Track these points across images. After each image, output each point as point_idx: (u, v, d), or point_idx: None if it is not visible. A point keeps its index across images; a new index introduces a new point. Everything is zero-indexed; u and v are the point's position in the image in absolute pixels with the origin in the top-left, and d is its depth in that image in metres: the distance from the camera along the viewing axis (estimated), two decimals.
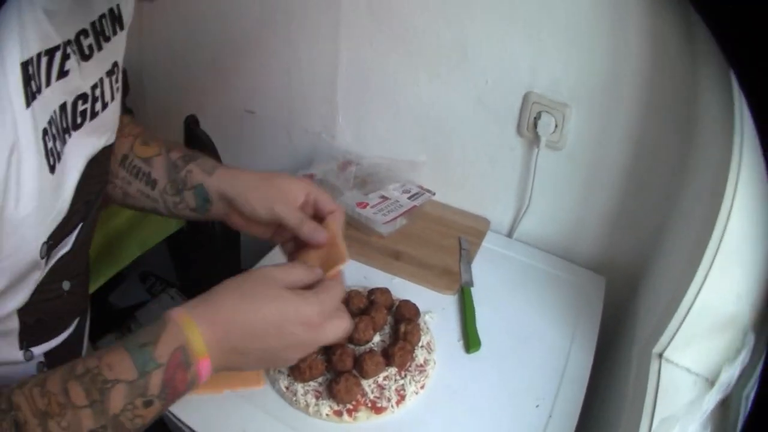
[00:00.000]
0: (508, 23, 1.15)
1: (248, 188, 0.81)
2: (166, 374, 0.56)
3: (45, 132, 0.60)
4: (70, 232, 0.71)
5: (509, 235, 1.38)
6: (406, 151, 1.43)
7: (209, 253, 1.77)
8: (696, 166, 1.01)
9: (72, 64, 0.64)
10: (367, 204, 1.32)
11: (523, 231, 1.36)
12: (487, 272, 1.25)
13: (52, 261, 0.69)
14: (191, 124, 1.56)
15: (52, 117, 0.62)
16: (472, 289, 1.19)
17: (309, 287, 0.69)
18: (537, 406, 0.98)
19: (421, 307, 1.10)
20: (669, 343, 0.82)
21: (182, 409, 0.90)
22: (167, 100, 1.85)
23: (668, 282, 0.96)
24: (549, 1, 1.09)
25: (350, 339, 1.00)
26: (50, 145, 0.61)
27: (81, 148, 0.69)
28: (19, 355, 0.70)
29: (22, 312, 0.67)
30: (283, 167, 1.64)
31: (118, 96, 0.77)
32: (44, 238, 0.63)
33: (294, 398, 0.95)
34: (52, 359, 0.75)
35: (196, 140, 1.53)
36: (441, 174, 1.41)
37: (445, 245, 1.30)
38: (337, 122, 1.49)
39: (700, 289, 0.78)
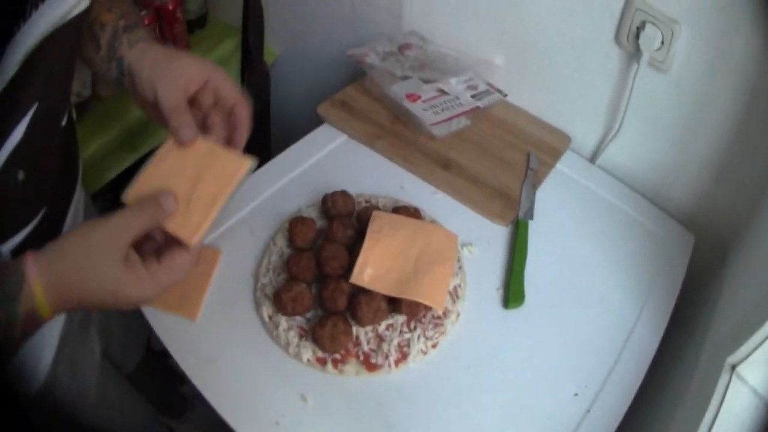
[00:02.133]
0: None
1: (146, 65, 0.79)
2: (23, 326, 0.64)
3: None
4: (22, 114, 0.71)
5: (592, 159, 1.18)
6: (480, 43, 1.23)
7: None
8: None
9: None
10: (419, 97, 1.12)
11: (608, 158, 1.15)
12: (555, 203, 1.05)
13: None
14: None
15: None
16: (530, 223, 0.99)
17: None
18: (576, 394, 0.81)
19: (462, 236, 0.93)
20: (746, 358, 0.67)
21: (160, 326, 0.88)
22: None
23: (763, 265, 0.80)
24: None
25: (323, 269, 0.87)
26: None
27: (43, 19, 0.68)
28: None
29: None
30: (341, 41, 1.51)
31: None
32: None
33: (275, 332, 0.83)
34: None
35: (251, 10, 1.53)
36: (517, 71, 1.20)
37: (509, 160, 1.09)
38: None
39: None
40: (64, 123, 0.86)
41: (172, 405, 1.61)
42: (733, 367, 0.69)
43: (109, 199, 1.61)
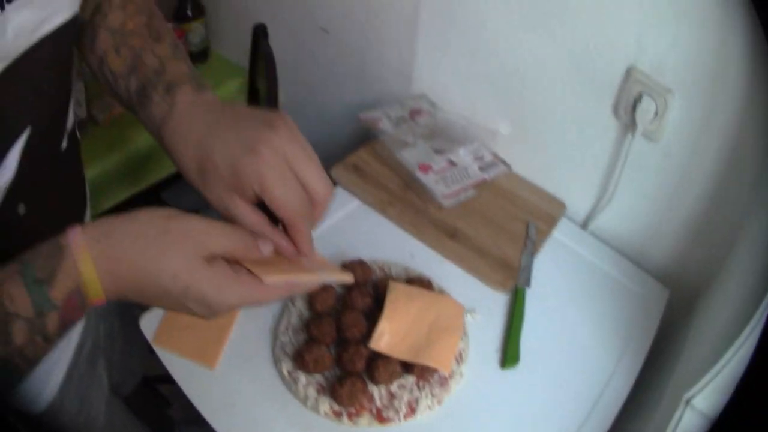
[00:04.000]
0: None
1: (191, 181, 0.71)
2: (62, 315, 0.58)
3: None
4: (12, 141, 0.67)
5: (584, 226, 1.32)
6: (486, 110, 1.36)
7: None
8: None
9: None
10: (431, 167, 1.26)
11: (599, 224, 1.29)
12: (549, 269, 1.19)
13: None
14: (259, 34, 1.54)
15: None
16: (527, 290, 1.14)
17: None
18: None
19: (466, 304, 1.06)
20: (701, 391, 0.77)
21: (175, 370, 0.96)
22: (240, 0, 1.84)
23: (723, 315, 0.91)
24: None
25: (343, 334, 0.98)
26: None
27: (15, 23, 0.62)
28: None
29: None
30: (351, 99, 1.62)
31: None
32: None
33: (294, 386, 0.94)
34: None
35: (261, 54, 1.52)
36: (520, 141, 1.33)
37: (510, 229, 1.24)
38: (416, 60, 1.43)
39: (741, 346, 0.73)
40: (64, 145, 0.81)
41: (161, 428, 1.64)
42: (688, 401, 0.77)
43: None
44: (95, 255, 0.57)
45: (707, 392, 0.77)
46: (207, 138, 0.67)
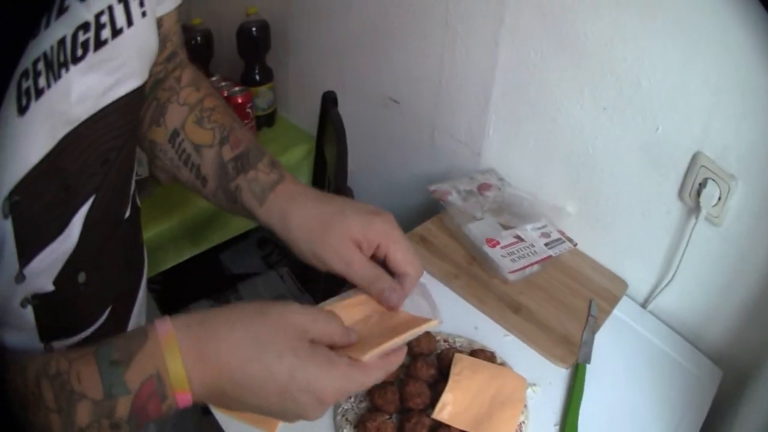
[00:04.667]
0: (688, 55, 1.10)
1: (300, 236, 0.77)
2: (136, 402, 0.55)
3: (24, 73, 0.57)
4: (76, 208, 0.69)
5: (644, 305, 1.35)
6: (553, 187, 1.42)
7: None
8: None
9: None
10: (498, 243, 1.31)
11: (659, 304, 1.32)
12: (609, 347, 1.22)
13: (51, 243, 0.67)
14: (328, 102, 1.59)
15: (45, 52, 0.58)
16: (587, 366, 1.17)
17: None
18: None
19: (527, 376, 1.09)
20: None
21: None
22: (309, 66, 1.89)
23: None
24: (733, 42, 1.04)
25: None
26: (26, 84, 0.57)
27: (80, 87, 0.64)
28: (40, 347, 0.72)
29: (35, 309, 0.68)
30: (419, 171, 1.67)
31: (143, 22, 0.71)
32: (4, 193, 0.60)
33: None
34: None
35: (330, 121, 1.55)
36: (585, 220, 1.38)
37: (572, 306, 1.28)
38: (486, 134, 1.49)
39: None
40: (127, 215, 0.83)
41: None
42: None
43: (158, 288, 1.63)
44: (183, 340, 0.56)
45: None
46: (330, 200, 0.78)
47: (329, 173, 1.82)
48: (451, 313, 1.20)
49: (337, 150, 1.66)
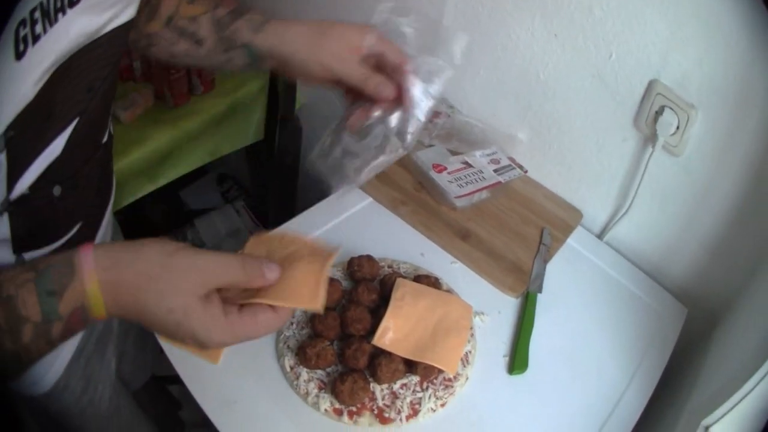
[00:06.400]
0: None
1: (299, 45, 0.85)
2: (66, 325, 0.63)
3: (22, 22, 0.60)
4: (61, 129, 0.74)
5: (600, 235, 1.32)
6: (505, 115, 1.37)
7: (277, 165, 1.84)
8: None
9: None
10: (445, 168, 1.27)
11: (615, 235, 1.29)
12: (562, 277, 1.19)
13: (35, 161, 0.72)
14: None
15: (41, 1, 0.62)
16: (538, 295, 1.13)
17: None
18: None
19: (475, 305, 1.06)
20: (720, 419, 0.78)
21: (180, 365, 0.97)
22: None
23: (745, 341, 0.92)
24: None
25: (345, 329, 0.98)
26: (23, 32, 0.61)
27: (76, 28, 0.68)
28: (12, 259, 0.78)
29: (11, 216, 0.74)
30: None
31: None
32: (2, 129, 0.65)
33: (295, 382, 0.94)
34: None
35: None
36: (538, 148, 1.34)
37: (523, 234, 1.24)
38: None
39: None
40: (104, 139, 0.90)
41: (172, 430, 1.68)
42: (707, 429, 0.78)
43: (121, 221, 1.68)
44: (102, 281, 0.63)
45: (727, 421, 0.78)
46: (322, 20, 0.86)
47: (281, 106, 1.82)
48: (398, 240, 1.19)
49: (285, 85, 1.70)
